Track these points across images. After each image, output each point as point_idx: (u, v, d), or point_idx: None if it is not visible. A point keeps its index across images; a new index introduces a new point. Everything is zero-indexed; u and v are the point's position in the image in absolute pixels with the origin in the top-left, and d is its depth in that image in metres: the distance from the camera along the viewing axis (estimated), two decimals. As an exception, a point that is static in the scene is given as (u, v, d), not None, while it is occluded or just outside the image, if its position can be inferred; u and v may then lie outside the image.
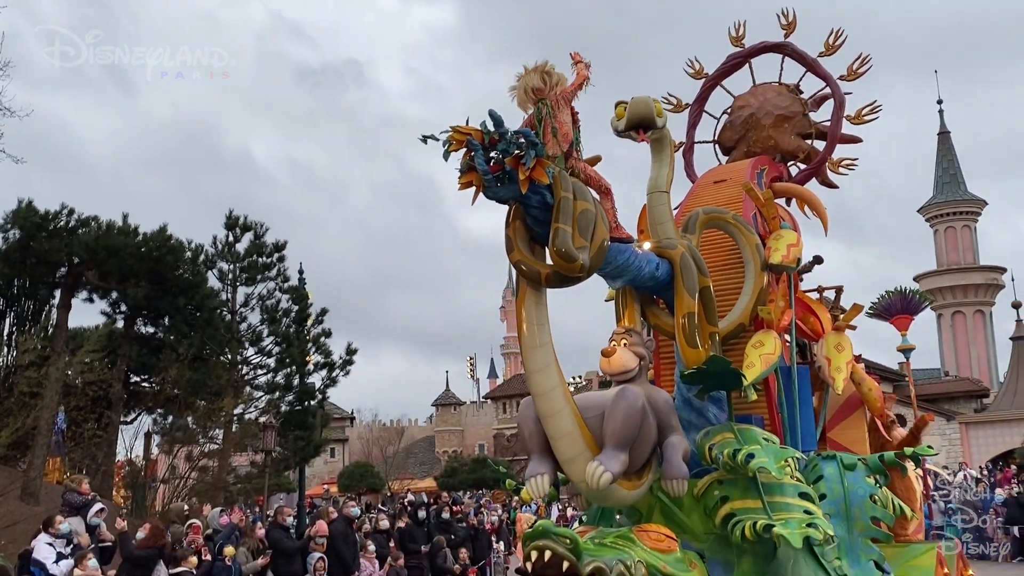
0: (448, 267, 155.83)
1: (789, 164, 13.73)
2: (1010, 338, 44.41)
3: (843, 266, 70.54)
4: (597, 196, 8.26)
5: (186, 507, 13.27)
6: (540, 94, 7.78)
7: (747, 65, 14.08)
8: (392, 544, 14.22)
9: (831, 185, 13.72)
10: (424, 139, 7.11)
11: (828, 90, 13.64)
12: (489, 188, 7.16)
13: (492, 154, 7.09)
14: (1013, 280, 50.86)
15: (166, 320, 18.60)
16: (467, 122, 7.10)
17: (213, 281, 18.72)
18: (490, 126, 7.00)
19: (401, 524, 14.76)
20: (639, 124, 9.58)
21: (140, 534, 10.65)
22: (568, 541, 7.18)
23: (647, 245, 9.53)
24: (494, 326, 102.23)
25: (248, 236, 18.75)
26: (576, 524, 9.56)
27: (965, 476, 27.41)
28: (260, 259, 18.72)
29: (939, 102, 58.15)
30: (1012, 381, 42.78)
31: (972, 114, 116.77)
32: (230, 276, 18.89)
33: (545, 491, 8.11)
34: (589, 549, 7.49)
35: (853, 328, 11.88)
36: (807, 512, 8.37)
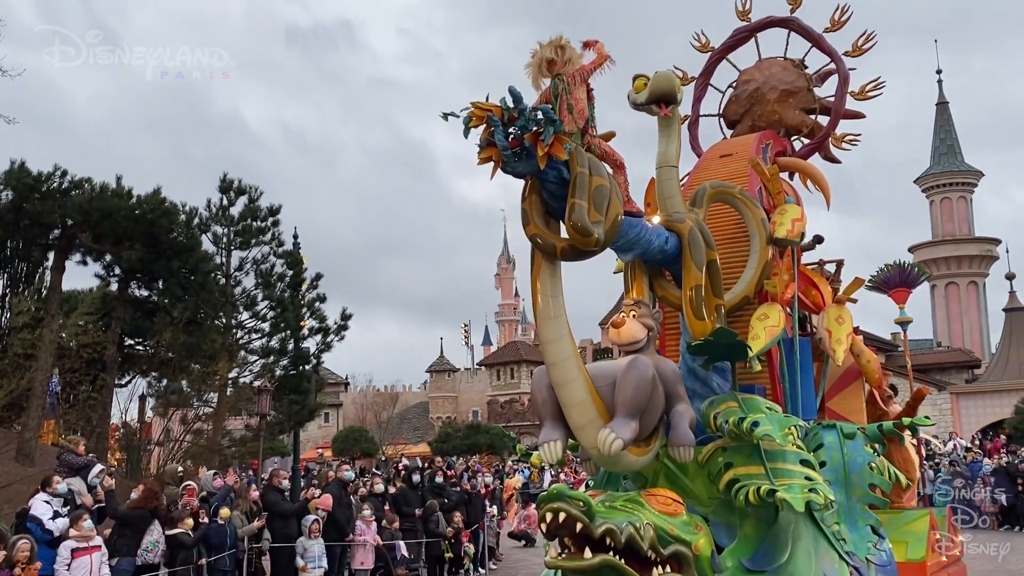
0: (442, 233, 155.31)
1: (793, 138, 13.81)
2: (1003, 309, 44.66)
3: (838, 234, 70.77)
4: (611, 171, 8.37)
5: (180, 469, 13.34)
6: (553, 67, 7.86)
7: (753, 39, 14.11)
8: (387, 508, 14.32)
9: (834, 160, 13.80)
10: (445, 116, 7.25)
11: (832, 65, 13.70)
12: (508, 164, 7.32)
13: (511, 130, 7.25)
14: (1008, 252, 51.10)
15: (160, 283, 18.53)
16: (487, 98, 7.24)
17: (207, 245, 18.62)
18: (509, 103, 7.16)
19: (394, 489, 14.85)
20: (661, 98, 9.61)
21: (134, 495, 10.72)
22: (581, 504, 7.43)
23: (657, 219, 9.59)
24: (489, 293, 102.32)
25: (242, 200, 18.65)
26: (583, 489, 9.79)
27: (955, 446, 27.68)
28: (255, 223, 18.60)
29: (938, 72, 57.91)
30: (1004, 352, 43.07)
31: (971, 84, 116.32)
32: (224, 240, 18.79)
33: (558, 456, 8.29)
34: (600, 512, 7.68)
35: (854, 301, 12.05)
36: (808, 479, 8.67)
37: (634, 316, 8.96)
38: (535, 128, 7.22)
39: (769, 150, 12.66)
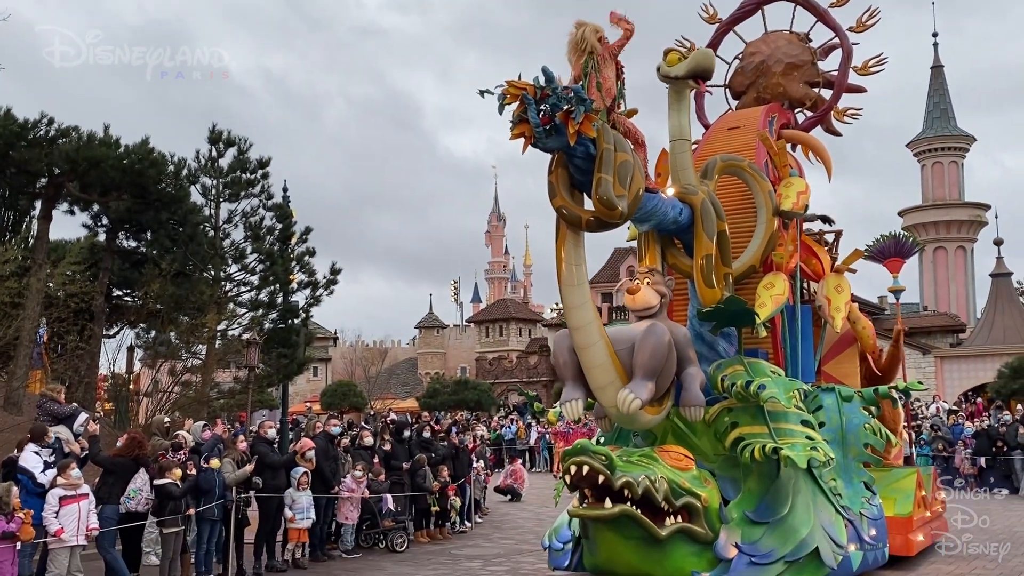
0: (428, 187, 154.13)
1: (796, 111, 13.99)
2: (990, 275, 44.86)
3: (828, 196, 70.68)
4: (633, 148, 8.70)
5: (167, 420, 13.38)
6: (591, 42, 8.30)
7: (760, 12, 14.23)
8: (376, 461, 14.42)
9: (835, 133, 14.09)
10: (481, 93, 7.82)
11: (836, 40, 13.81)
12: (539, 139, 7.82)
13: (542, 107, 7.66)
14: (996, 217, 51.10)
15: (148, 234, 18.44)
16: (519, 77, 7.65)
17: (196, 196, 18.52)
18: (542, 81, 7.60)
19: (385, 444, 14.93)
20: (700, 74, 10.19)
21: (119, 444, 10.78)
22: (604, 458, 8.21)
23: (671, 191, 10.14)
24: (479, 250, 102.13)
25: (232, 152, 18.50)
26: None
27: (938, 408, 28.00)
28: (244, 175, 18.48)
29: (934, 35, 57.53)
30: (989, 317, 43.34)
31: (963, 46, 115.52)
32: (213, 192, 18.67)
33: (579, 414, 9.09)
34: (620, 466, 8.40)
35: (853, 271, 12.41)
36: (808, 438, 9.33)
37: (648, 283, 9.61)
38: (566, 106, 7.63)
39: (775, 123, 13.12)
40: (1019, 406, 28.44)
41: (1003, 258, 44.21)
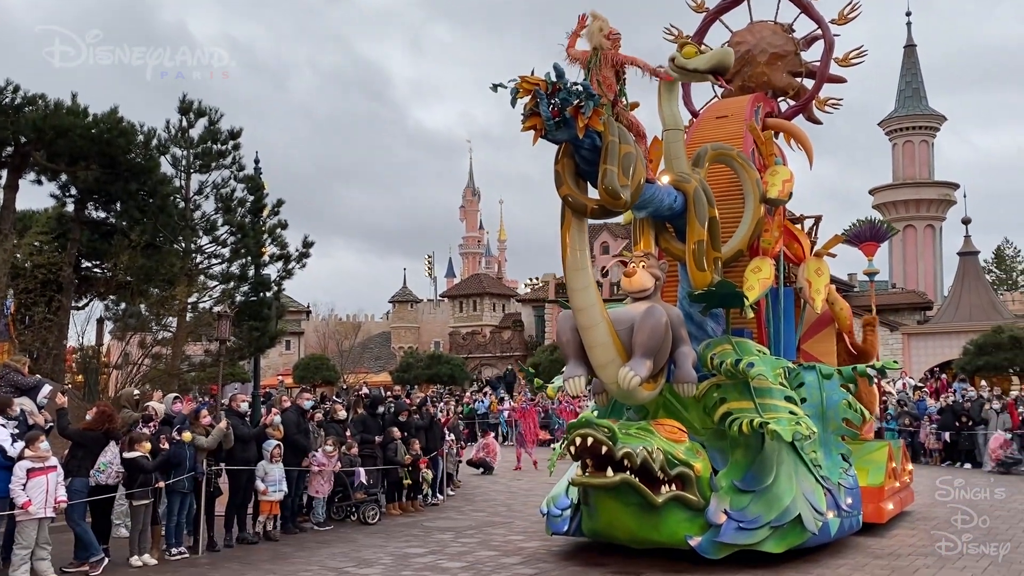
0: (399, 160, 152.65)
1: (779, 100, 14.52)
2: (958, 253, 45.46)
3: (799, 173, 70.86)
4: (635, 140, 9.23)
5: (136, 392, 13.29)
6: (598, 40, 8.87)
7: (745, 2, 14.67)
8: (348, 434, 14.44)
9: (816, 121, 14.81)
10: (495, 87, 8.25)
11: (819, 32, 14.23)
12: (549, 132, 8.30)
13: (552, 101, 8.13)
14: (965, 196, 51.79)
15: (118, 205, 18.18)
16: (532, 73, 8.19)
17: (166, 167, 18.26)
18: (553, 77, 8.10)
19: (355, 415, 14.96)
20: (720, 71, 10.83)
21: (88, 417, 10.71)
22: (607, 431, 8.81)
23: (666, 179, 10.60)
24: (453, 225, 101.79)
25: (202, 122, 18.24)
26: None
27: (904, 385, 28.42)
28: (215, 146, 18.24)
29: (908, 14, 57.84)
30: (956, 295, 43.99)
31: (935, 24, 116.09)
32: (184, 162, 18.43)
33: (581, 389, 9.76)
34: (621, 438, 8.99)
35: (833, 256, 12.90)
36: (792, 413, 9.91)
37: (644, 267, 10.10)
38: (576, 101, 8.11)
39: (760, 111, 13.54)
40: (983, 382, 28.96)
41: (971, 237, 44.82)
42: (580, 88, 8.22)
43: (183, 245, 18.25)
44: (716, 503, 9.61)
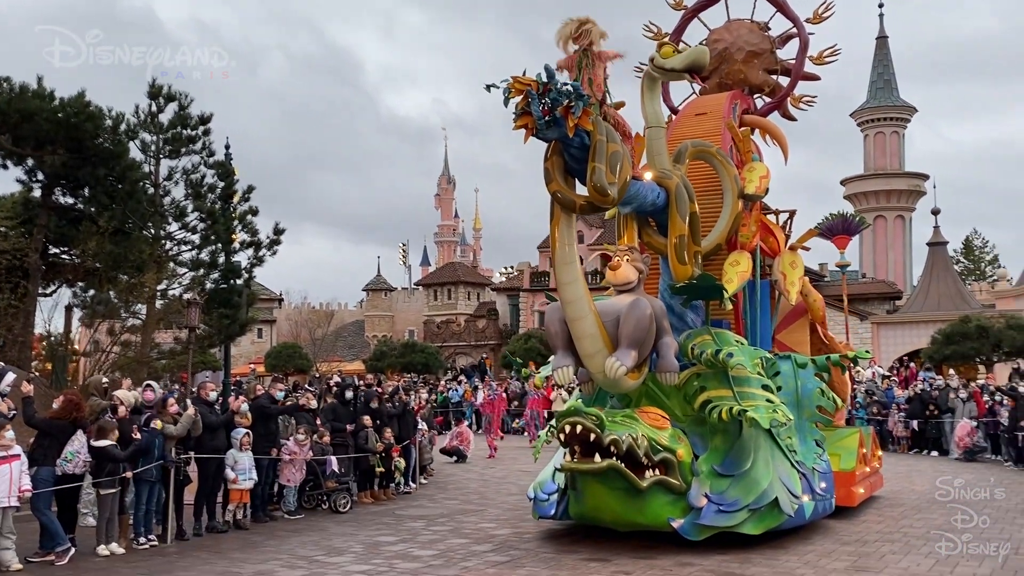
0: (371, 147, 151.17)
1: (755, 96, 14.76)
2: (927, 243, 45.99)
3: (774, 168, 71.31)
4: (621, 138, 9.55)
5: (105, 380, 13.12)
6: (578, 40, 9.19)
7: (723, 0, 14.92)
8: (319, 422, 14.36)
9: (791, 118, 14.80)
10: (488, 87, 8.57)
11: (794, 30, 14.79)
12: (540, 130, 8.61)
13: (543, 101, 8.40)
14: (935, 187, 52.42)
15: (86, 191, 17.90)
16: (524, 73, 8.52)
17: (135, 152, 17.98)
18: (544, 78, 8.41)
19: (328, 403, 14.88)
20: (696, 69, 11.18)
21: (55, 405, 10.56)
22: (595, 418, 9.30)
23: (648, 175, 10.83)
24: (428, 213, 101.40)
25: (172, 107, 17.97)
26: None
27: (873, 373, 28.72)
28: (185, 131, 17.99)
29: (880, 6, 58.23)
30: (924, 285, 44.52)
31: (907, 15, 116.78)
32: (153, 148, 18.16)
33: (570, 379, 10.07)
34: (607, 425, 9.32)
35: (807, 249, 13.28)
36: (768, 401, 10.25)
37: (628, 260, 10.49)
38: (566, 102, 8.39)
39: (737, 108, 13.85)
40: (951, 371, 29.35)
41: (940, 227, 45.36)
42: (570, 89, 8.50)
43: (152, 231, 18.02)
44: (697, 487, 10.01)
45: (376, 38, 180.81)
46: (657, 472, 9.75)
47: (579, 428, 9.27)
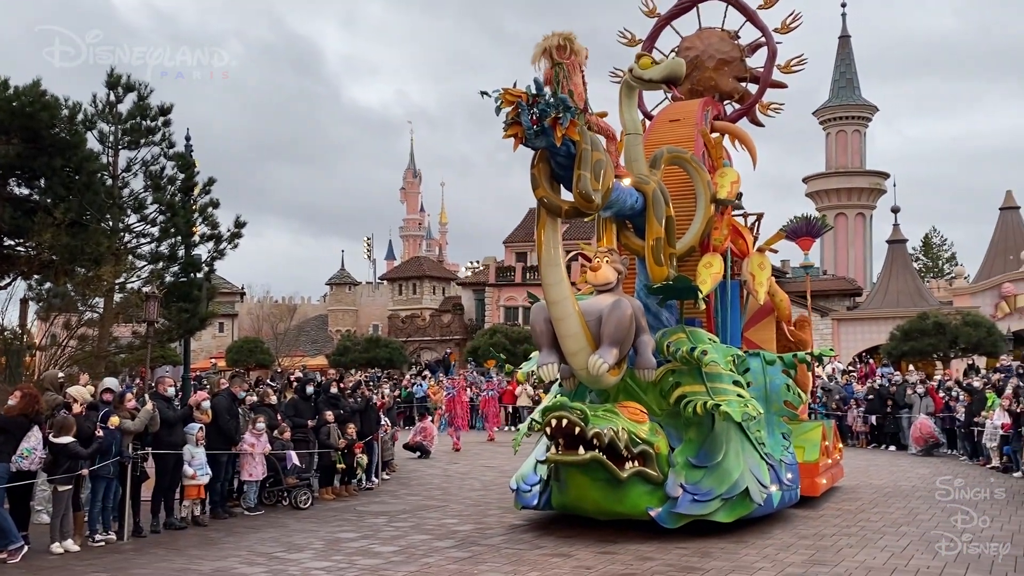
0: (333, 138, 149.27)
1: (725, 103, 15.27)
2: (887, 241, 46.72)
3: (739, 166, 71.84)
4: (605, 143, 10.18)
5: (60, 375, 12.89)
6: (560, 54, 9.49)
7: (695, 9, 15.43)
8: (280, 418, 14.22)
9: (759, 124, 15.33)
10: (483, 94, 9.09)
11: (763, 40, 15.10)
12: (529, 139, 9.12)
13: (532, 111, 8.92)
14: (895, 186, 53.24)
15: (42, 182, 17.48)
16: (514, 85, 9.06)
17: (93, 143, 17.59)
18: (533, 90, 8.99)
19: (286, 399, 14.73)
20: (673, 80, 11.67)
21: (11, 401, 10.34)
22: (579, 412, 9.80)
23: (627, 181, 11.26)
24: (393, 207, 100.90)
25: (131, 97, 17.60)
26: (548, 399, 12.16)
27: (833, 369, 29.10)
28: (144, 122, 17.64)
29: (843, 5, 58.89)
30: (884, 282, 45.20)
31: (866, 13, 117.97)
32: (111, 139, 17.80)
33: (555, 376, 10.72)
34: (591, 419, 9.77)
35: (775, 251, 13.80)
36: (740, 396, 10.74)
37: (607, 262, 10.97)
38: (554, 113, 8.90)
39: (709, 115, 14.33)
40: (910, 367, 29.81)
41: (899, 225, 46.11)
42: (558, 101, 8.99)
43: (110, 224, 17.65)
44: (673, 478, 10.57)
45: (336, 27, 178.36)
46: (636, 464, 10.25)
47: (564, 422, 9.73)
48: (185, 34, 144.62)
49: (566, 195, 9.93)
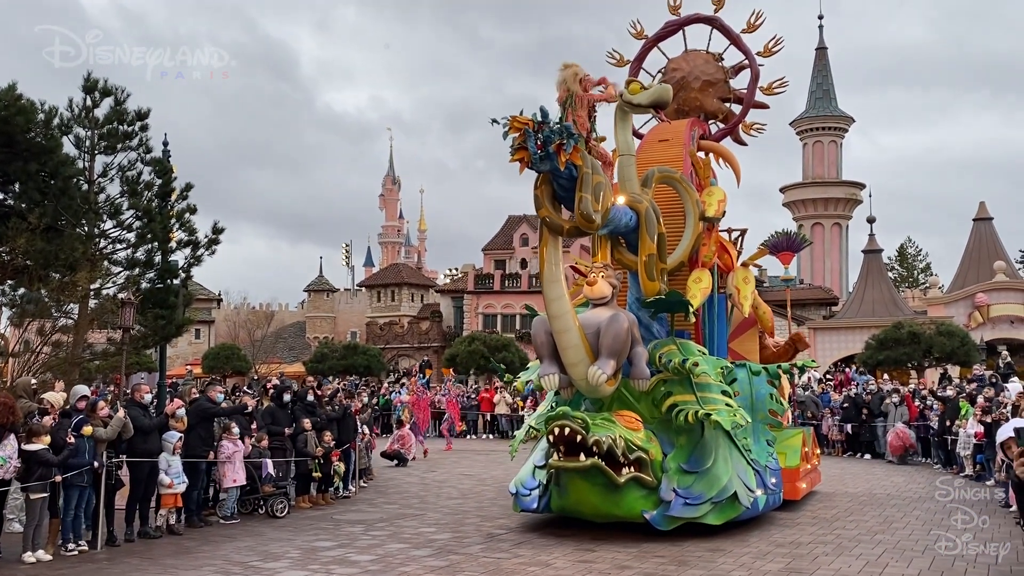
0: (307, 143, 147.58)
1: (710, 123, 15.84)
2: (862, 251, 47.12)
3: (723, 183, 72.19)
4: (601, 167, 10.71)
5: (34, 382, 12.75)
6: (576, 87, 10.21)
7: (681, 32, 16.03)
8: (253, 426, 14.12)
9: (742, 143, 15.91)
10: (493, 121, 9.75)
11: (746, 62, 15.69)
12: (534, 163, 9.75)
13: (538, 137, 9.56)
14: (871, 196, 53.80)
15: (16, 186, 17.29)
16: (521, 113, 9.69)
17: (69, 148, 17.41)
18: (539, 117, 9.58)
19: (263, 407, 14.63)
20: (661, 105, 12.26)
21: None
22: (581, 421, 10.34)
23: (621, 200, 11.74)
24: (372, 213, 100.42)
25: (108, 101, 17.44)
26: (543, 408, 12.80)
27: (809, 378, 29.28)
28: (121, 127, 17.48)
29: (820, 18, 59.64)
30: (860, 291, 45.58)
31: (840, 23, 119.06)
32: (88, 143, 17.62)
33: (556, 385, 11.21)
34: (592, 427, 10.27)
35: (759, 267, 14.04)
36: (728, 405, 11.25)
37: (603, 277, 11.51)
38: (558, 139, 9.57)
39: (696, 135, 14.90)
40: (885, 375, 30.05)
41: (875, 235, 46.53)
42: (563, 128, 9.65)
43: (86, 229, 17.48)
44: (666, 482, 11.08)
45: (310, 32, 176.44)
46: (632, 469, 10.78)
47: (567, 430, 10.22)
48: (156, 36, 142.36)
49: (567, 214, 10.66)
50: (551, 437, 10.47)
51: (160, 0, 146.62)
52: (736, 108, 15.86)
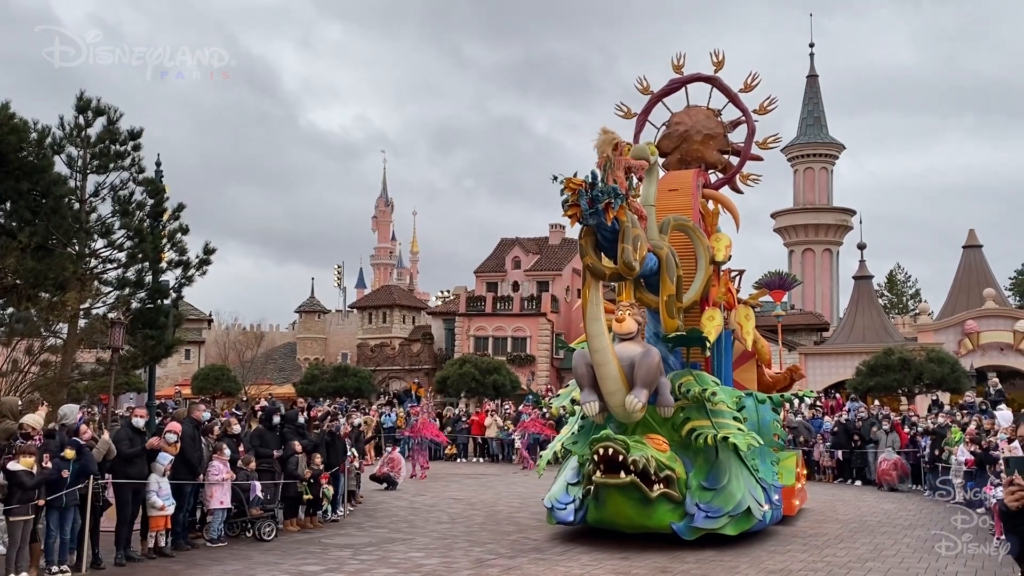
0: (292, 162, 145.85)
1: (710, 172, 17.07)
2: (853, 277, 47.27)
3: (723, 227, 72.16)
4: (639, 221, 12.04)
5: (20, 402, 12.64)
6: (612, 152, 11.36)
7: (684, 89, 17.33)
8: (241, 448, 14.02)
9: (739, 191, 17.30)
10: (554, 179, 11.12)
11: (743, 118, 16.94)
12: (584, 218, 11.07)
13: (589, 195, 10.86)
14: (861, 222, 54.02)
15: (7, 205, 17.24)
16: (575, 175, 11.08)
17: (61, 167, 17.38)
18: (590, 180, 10.96)
19: (251, 429, 14.52)
20: (641, 157, 13.19)
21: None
22: (622, 442, 11.76)
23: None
24: (364, 234, 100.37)
25: (101, 121, 17.43)
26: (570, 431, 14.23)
27: (799, 403, 29.22)
28: (113, 146, 17.47)
29: (811, 46, 60.13)
30: (850, 317, 45.69)
31: (828, 47, 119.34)
32: (80, 163, 17.60)
33: (596, 411, 12.38)
34: (631, 448, 11.74)
35: (759, 306, 16.26)
36: (740, 429, 12.47)
37: (630, 314, 12.86)
38: (606, 199, 10.92)
39: (700, 184, 16.02)
40: (875, 402, 30.05)
41: (865, 262, 46.70)
42: (612, 189, 10.95)
43: (77, 248, 17.43)
44: (690, 498, 12.44)
45: (293, 49, 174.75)
46: (662, 486, 12.09)
47: (611, 450, 11.63)
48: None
49: (607, 261, 11.92)
50: (595, 456, 11.79)
51: (139, 14, 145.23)
52: (734, 159, 17.03)
